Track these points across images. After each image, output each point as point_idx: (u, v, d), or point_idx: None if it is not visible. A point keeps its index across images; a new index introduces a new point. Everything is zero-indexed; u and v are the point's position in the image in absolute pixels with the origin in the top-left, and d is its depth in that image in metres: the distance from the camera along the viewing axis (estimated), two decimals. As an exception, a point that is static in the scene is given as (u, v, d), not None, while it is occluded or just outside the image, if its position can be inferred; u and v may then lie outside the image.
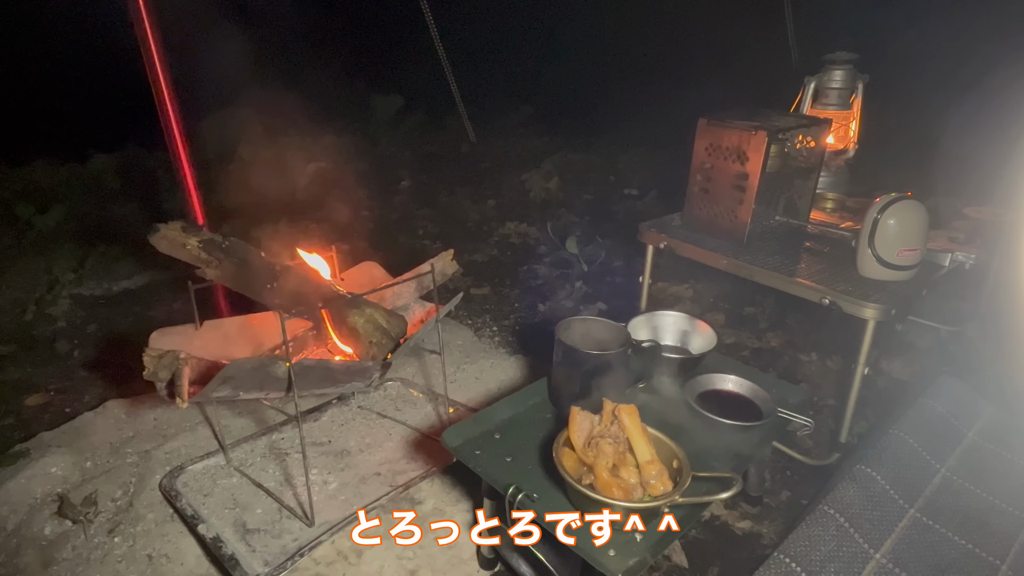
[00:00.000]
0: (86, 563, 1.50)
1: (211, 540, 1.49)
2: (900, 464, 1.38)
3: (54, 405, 2.18)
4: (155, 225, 1.64)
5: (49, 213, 3.57)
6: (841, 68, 2.30)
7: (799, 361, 2.34)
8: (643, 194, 4.13)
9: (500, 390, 2.17)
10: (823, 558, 1.17)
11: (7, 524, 1.62)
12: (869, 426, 1.91)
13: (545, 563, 1.20)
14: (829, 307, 1.64)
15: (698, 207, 2.00)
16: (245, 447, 1.86)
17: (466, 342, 2.50)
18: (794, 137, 1.97)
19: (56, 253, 3.21)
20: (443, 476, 1.73)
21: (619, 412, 1.16)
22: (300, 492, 1.68)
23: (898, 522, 1.26)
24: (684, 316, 1.66)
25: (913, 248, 1.67)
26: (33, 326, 2.69)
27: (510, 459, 1.28)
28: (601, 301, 2.82)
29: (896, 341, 2.27)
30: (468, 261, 3.33)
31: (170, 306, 2.85)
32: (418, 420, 2.00)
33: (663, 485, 1.09)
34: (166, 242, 1.64)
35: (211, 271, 1.67)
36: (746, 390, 1.46)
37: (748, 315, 2.64)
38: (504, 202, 4.16)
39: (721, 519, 1.66)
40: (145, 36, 1.82)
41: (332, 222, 3.70)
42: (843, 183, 2.40)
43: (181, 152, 1.94)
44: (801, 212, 2.05)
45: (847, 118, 2.33)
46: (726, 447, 1.34)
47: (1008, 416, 1.57)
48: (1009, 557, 1.21)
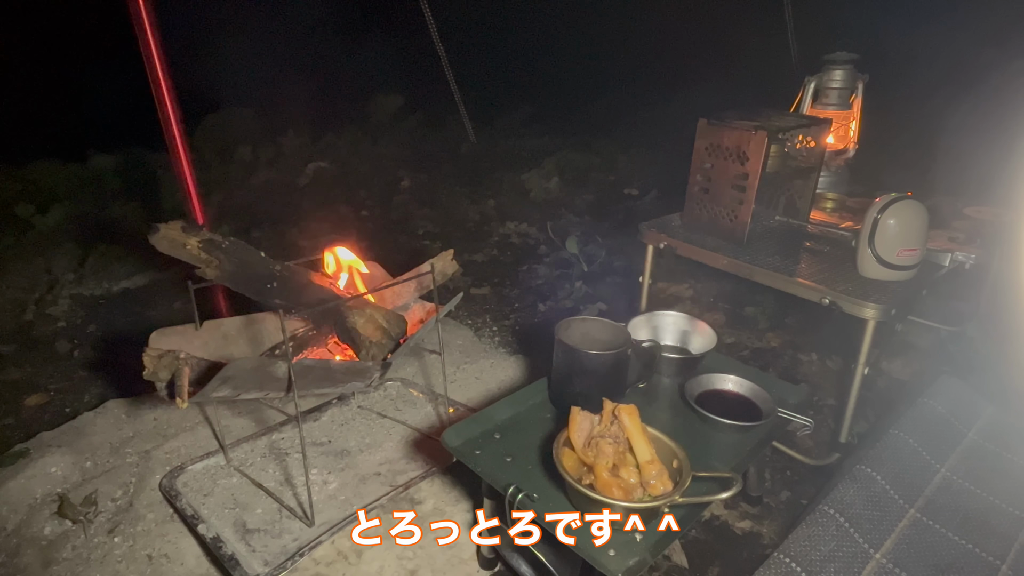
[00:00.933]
0: (86, 563, 1.50)
1: (211, 540, 1.49)
2: (900, 464, 1.38)
3: (54, 405, 2.18)
4: (155, 225, 1.64)
5: (49, 213, 3.57)
6: (841, 68, 2.30)
7: (799, 361, 2.34)
8: (643, 194, 4.13)
9: (500, 390, 2.17)
10: (823, 558, 1.17)
11: (7, 524, 1.62)
12: (869, 426, 1.91)
13: (545, 563, 1.20)
14: (829, 307, 1.64)
15: (698, 207, 2.00)
16: (245, 447, 1.86)
17: (466, 342, 2.50)
18: (794, 137, 1.97)
19: (56, 253, 3.20)
20: (443, 476, 1.73)
21: (619, 412, 1.16)
22: (300, 492, 1.68)
23: (898, 522, 1.26)
24: (684, 316, 1.66)
25: (913, 248, 1.67)
26: (33, 326, 2.69)
27: (510, 459, 1.28)
28: (601, 301, 2.82)
29: (896, 341, 2.27)
30: (468, 261, 3.33)
31: (170, 306, 2.85)
32: (418, 420, 2.00)
33: (663, 485, 1.09)
34: (166, 242, 1.64)
35: (211, 271, 1.67)
36: (746, 390, 1.46)
37: (748, 315, 2.64)
38: (504, 202, 4.15)
39: (721, 519, 1.66)
40: (145, 36, 1.82)
41: (332, 222, 3.71)
42: (843, 183, 2.40)
43: (181, 152, 1.94)
44: (801, 212, 2.05)
45: (847, 118, 2.33)
46: (726, 447, 1.34)
47: (1008, 416, 1.57)
48: (1009, 557, 1.21)
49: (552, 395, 1.47)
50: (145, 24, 1.81)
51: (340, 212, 3.96)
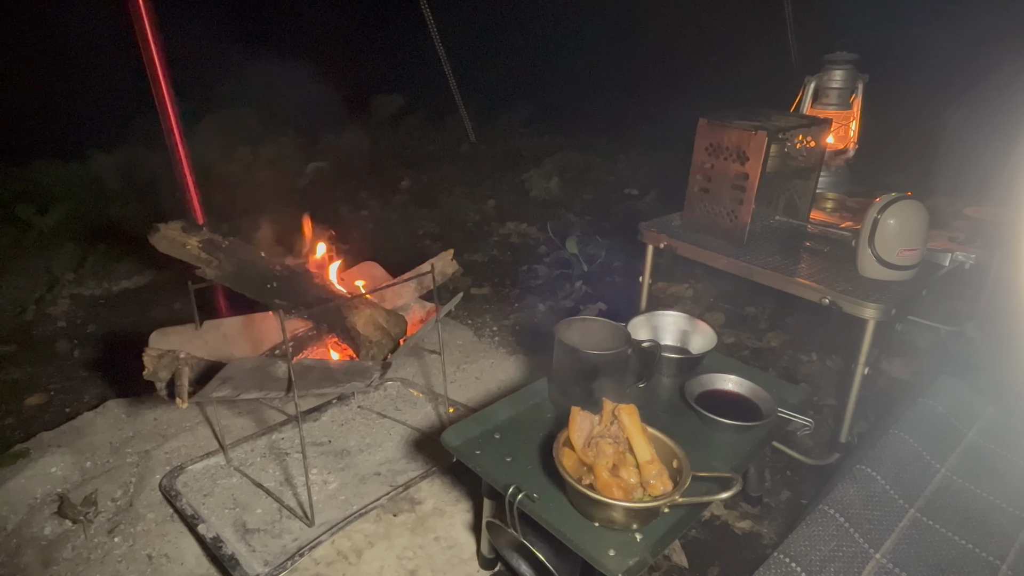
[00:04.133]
0: (86, 563, 1.50)
1: (211, 540, 1.49)
2: (900, 464, 1.38)
3: (54, 405, 2.18)
4: (155, 225, 1.64)
5: (49, 213, 3.57)
6: (841, 68, 2.30)
7: (799, 361, 2.34)
8: (643, 194, 4.14)
9: (500, 390, 2.17)
10: (823, 558, 1.17)
11: (7, 524, 1.62)
12: (869, 426, 1.91)
13: (545, 563, 1.20)
14: (829, 307, 1.64)
15: (698, 207, 2.00)
16: (245, 447, 1.86)
17: (466, 342, 2.50)
18: (794, 137, 1.97)
19: (56, 253, 3.20)
20: (443, 476, 1.73)
21: (619, 412, 1.16)
22: (300, 492, 1.68)
23: (898, 522, 1.26)
24: (684, 316, 1.66)
25: (913, 248, 1.67)
26: (33, 326, 2.69)
27: (510, 459, 1.28)
28: (601, 301, 2.82)
29: (896, 341, 2.27)
30: (468, 261, 3.33)
31: (170, 306, 2.85)
32: (418, 420, 2.00)
33: (663, 485, 1.09)
34: (166, 242, 1.64)
35: (211, 271, 1.67)
36: (746, 390, 1.46)
37: (748, 315, 2.64)
38: (504, 202, 4.16)
39: (721, 519, 1.66)
40: (145, 35, 1.82)
41: (332, 222, 3.70)
42: (843, 183, 2.40)
43: (181, 152, 1.94)
44: (801, 212, 2.05)
45: (847, 118, 2.33)
46: (726, 447, 1.34)
47: (1008, 416, 1.57)
48: (1009, 557, 1.21)
49: (552, 395, 1.47)
50: (145, 24, 1.81)
51: (340, 212, 3.96)
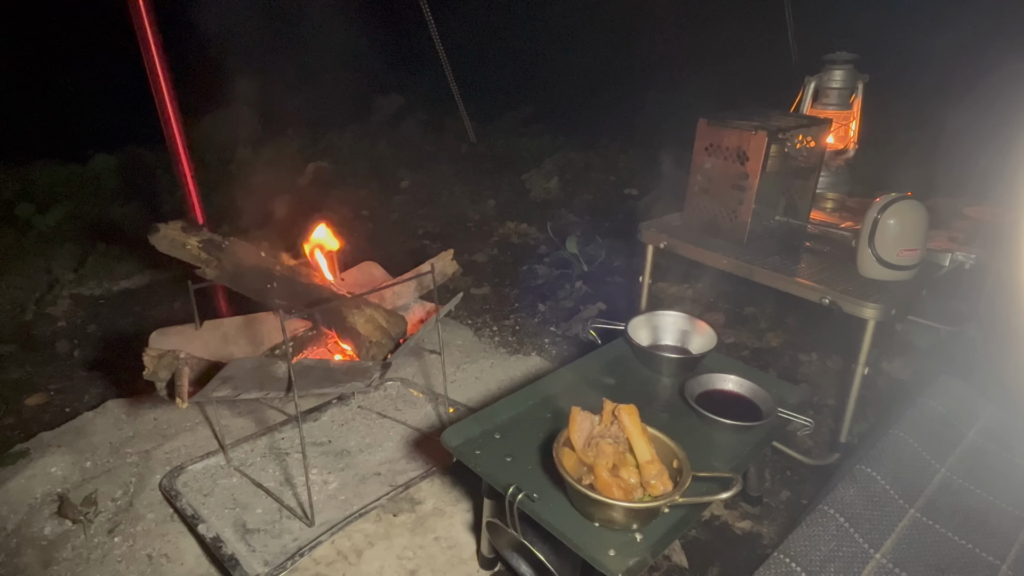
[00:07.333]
0: (86, 563, 1.50)
1: (211, 540, 1.49)
2: (900, 464, 1.38)
3: (54, 405, 2.18)
4: (155, 225, 1.64)
5: (49, 213, 3.57)
6: (841, 68, 2.30)
7: (799, 361, 2.34)
8: (643, 194, 4.13)
9: (500, 390, 2.17)
10: (823, 558, 1.17)
11: (7, 524, 1.62)
12: (869, 426, 1.91)
13: (545, 563, 1.20)
14: (829, 307, 1.64)
15: (698, 207, 2.00)
16: (245, 447, 1.86)
17: (466, 342, 2.50)
18: (794, 137, 1.96)
19: (56, 253, 3.20)
20: (443, 476, 1.73)
21: (619, 412, 1.16)
22: (300, 492, 1.68)
23: (898, 522, 1.26)
24: (684, 316, 1.66)
25: (913, 248, 1.67)
26: (33, 326, 2.69)
27: (510, 459, 1.28)
28: (601, 301, 2.82)
29: (896, 341, 2.27)
30: (468, 261, 3.33)
31: (170, 306, 2.85)
32: (418, 420, 1.99)
33: (663, 485, 1.09)
34: (166, 242, 1.64)
35: (211, 271, 1.67)
36: (746, 390, 1.46)
37: (748, 315, 2.64)
38: (504, 202, 4.16)
39: (721, 519, 1.66)
40: (145, 35, 1.82)
41: (332, 222, 3.70)
42: (843, 183, 2.40)
43: (181, 152, 1.94)
44: (801, 212, 2.05)
45: (847, 118, 2.33)
46: (726, 447, 1.34)
47: (1008, 416, 1.57)
48: (1009, 557, 1.21)
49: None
50: (145, 24, 1.81)
51: (340, 212, 3.96)
